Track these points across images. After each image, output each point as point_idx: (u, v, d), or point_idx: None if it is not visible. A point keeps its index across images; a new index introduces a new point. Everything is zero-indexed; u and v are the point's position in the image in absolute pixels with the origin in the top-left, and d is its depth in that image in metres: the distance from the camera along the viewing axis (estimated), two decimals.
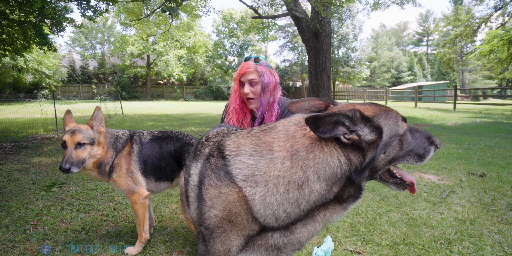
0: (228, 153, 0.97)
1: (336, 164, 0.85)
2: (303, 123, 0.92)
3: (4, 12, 6.39)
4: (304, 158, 0.86)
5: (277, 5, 11.91)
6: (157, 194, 3.08)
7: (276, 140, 0.92)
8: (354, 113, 0.85)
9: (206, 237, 0.97)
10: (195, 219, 1.06)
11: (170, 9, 6.21)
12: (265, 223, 0.90)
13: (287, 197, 0.87)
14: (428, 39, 56.03)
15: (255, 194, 0.88)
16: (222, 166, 0.96)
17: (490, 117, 11.37)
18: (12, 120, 9.36)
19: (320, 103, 1.08)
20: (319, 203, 0.89)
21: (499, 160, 4.48)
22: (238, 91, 1.99)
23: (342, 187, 0.89)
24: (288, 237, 0.93)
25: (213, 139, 1.18)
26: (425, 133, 1.00)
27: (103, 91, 31.18)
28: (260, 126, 1.05)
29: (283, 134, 0.92)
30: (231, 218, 0.91)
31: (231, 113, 2.01)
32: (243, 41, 31.92)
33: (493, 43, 15.04)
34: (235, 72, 2.02)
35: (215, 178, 0.95)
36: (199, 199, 0.99)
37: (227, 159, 0.96)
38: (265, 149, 0.91)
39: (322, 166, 0.85)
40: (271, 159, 0.89)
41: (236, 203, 0.90)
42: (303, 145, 0.88)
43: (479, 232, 2.25)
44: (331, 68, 12.70)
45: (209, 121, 10.28)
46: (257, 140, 0.95)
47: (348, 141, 0.84)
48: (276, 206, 0.87)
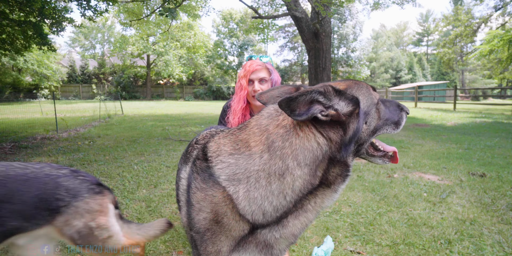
0: (210, 154, 0.96)
1: (315, 146, 0.85)
2: (275, 114, 0.92)
3: (4, 12, 6.39)
4: (280, 147, 0.86)
5: (277, 5, 11.91)
6: (157, 194, 3.08)
7: (251, 136, 0.92)
8: (326, 88, 0.83)
9: (198, 241, 0.96)
10: (185, 224, 1.04)
11: (168, 11, 6.21)
12: (253, 220, 0.89)
13: (271, 189, 0.86)
14: (428, 39, 56.04)
15: (238, 191, 0.87)
16: (206, 168, 0.95)
17: (490, 117, 11.37)
18: (12, 120, 9.36)
19: (290, 88, 1.06)
20: (305, 191, 0.87)
21: (499, 160, 4.48)
22: (246, 89, 1.94)
23: (326, 169, 0.87)
24: (280, 231, 0.91)
25: (201, 142, 1.17)
26: (394, 102, 1.03)
27: (103, 91, 31.19)
28: (236, 126, 1.04)
29: (257, 129, 0.92)
30: (218, 219, 0.90)
31: (231, 114, 1.99)
32: (243, 41, 31.94)
33: (493, 43, 15.05)
34: (241, 69, 1.98)
35: (201, 181, 0.94)
36: (188, 204, 0.98)
37: (210, 161, 0.95)
38: (243, 147, 0.91)
39: (301, 152, 0.84)
40: (249, 155, 0.89)
41: (222, 204, 0.89)
42: (278, 135, 0.87)
43: (479, 232, 2.25)
44: (331, 68, 12.70)
45: (209, 121, 10.28)
46: (235, 138, 0.95)
47: (326, 118, 0.83)
48: (261, 200, 0.86)
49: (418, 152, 5.07)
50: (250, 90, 1.95)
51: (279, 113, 0.93)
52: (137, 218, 2.53)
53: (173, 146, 5.64)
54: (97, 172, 3.86)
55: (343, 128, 0.85)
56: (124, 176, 3.70)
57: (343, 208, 2.75)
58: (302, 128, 0.86)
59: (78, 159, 4.61)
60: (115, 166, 4.18)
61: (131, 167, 4.12)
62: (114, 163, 4.37)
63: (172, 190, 3.22)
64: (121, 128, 8.27)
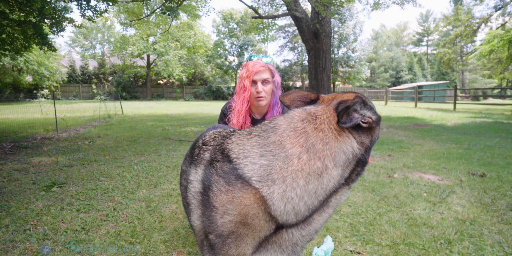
0: (235, 156, 0.96)
1: (350, 149, 0.93)
2: (309, 117, 0.98)
3: (4, 12, 6.39)
4: (321, 149, 0.91)
5: (277, 5, 11.91)
6: (157, 194, 3.08)
7: (286, 138, 0.94)
8: (359, 99, 0.95)
9: (217, 245, 0.95)
10: (199, 228, 1.02)
11: (170, 10, 6.23)
12: (283, 220, 0.91)
13: (307, 189, 0.89)
14: (428, 39, 56.03)
15: (273, 192, 0.89)
16: (231, 170, 0.94)
17: (490, 117, 11.37)
18: (12, 120, 9.36)
19: (308, 94, 1.12)
20: (334, 190, 0.94)
21: (499, 160, 4.48)
22: (249, 90, 1.92)
23: (352, 169, 0.96)
24: (306, 228, 0.95)
25: (212, 143, 1.15)
26: None
27: (103, 91, 31.19)
28: (257, 127, 1.04)
29: (292, 132, 0.95)
30: (247, 221, 0.90)
31: (234, 115, 1.97)
32: (243, 41, 31.92)
33: (493, 43, 15.04)
34: (243, 70, 1.95)
35: (225, 183, 0.94)
36: (207, 207, 0.96)
37: (235, 162, 0.95)
38: (276, 148, 0.93)
39: (338, 154, 0.92)
40: (285, 156, 0.91)
41: (254, 205, 0.89)
42: (318, 138, 0.93)
43: (479, 232, 2.25)
44: (331, 68, 12.69)
45: (209, 121, 10.28)
46: (264, 140, 0.96)
47: (366, 125, 0.94)
48: (297, 200, 0.89)
49: (418, 152, 5.07)
50: (253, 91, 1.94)
51: (314, 117, 0.98)
52: (137, 218, 2.53)
53: (173, 146, 5.64)
54: (97, 172, 3.86)
55: (371, 134, 0.97)
56: (124, 176, 3.70)
57: (343, 208, 2.75)
58: (340, 133, 0.94)
59: (78, 159, 4.61)
60: (115, 166, 4.18)
61: (131, 167, 4.12)
62: (114, 163, 4.37)
63: (172, 190, 3.22)
64: (121, 128, 8.27)
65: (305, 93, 1.12)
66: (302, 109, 1.03)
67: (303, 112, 1.01)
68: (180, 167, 4.15)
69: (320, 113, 0.98)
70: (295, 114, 1.01)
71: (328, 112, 0.98)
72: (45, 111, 13.22)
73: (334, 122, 0.95)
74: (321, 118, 0.97)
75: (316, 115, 0.98)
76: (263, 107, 2.04)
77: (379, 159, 4.65)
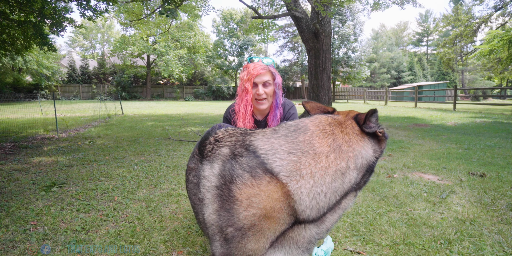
0: (263, 152, 1.02)
1: (366, 155, 1.03)
2: (336, 122, 1.09)
3: (5, 12, 6.39)
4: (346, 150, 1.00)
5: (277, 5, 11.91)
6: (157, 194, 3.08)
7: (315, 138, 1.02)
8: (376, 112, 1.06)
9: (236, 238, 0.96)
10: (213, 221, 1.03)
11: (168, 11, 6.23)
12: (305, 215, 0.95)
13: (331, 186, 0.96)
14: (428, 39, 56.02)
15: (301, 187, 0.94)
16: (258, 165, 0.99)
17: (490, 117, 11.37)
18: (12, 120, 9.36)
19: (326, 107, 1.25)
20: (348, 191, 1.00)
21: (499, 160, 4.48)
22: (251, 92, 1.93)
23: (363, 175, 1.04)
24: (321, 226, 1.00)
25: (229, 139, 1.18)
26: None
27: (103, 91, 31.19)
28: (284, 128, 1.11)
29: (321, 133, 1.04)
30: (272, 214, 0.94)
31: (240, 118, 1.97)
32: (243, 41, 31.92)
33: (493, 43, 15.03)
34: (244, 72, 1.96)
35: (251, 177, 0.97)
36: (227, 200, 0.99)
37: (264, 158, 1.00)
38: (305, 147, 1.00)
39: (358, 158, 1.01)
40: (314, 154, 0.98)
41: (281, 199, 0.94)
42: (344, 140, 1.02)
43: (479, 232, 2.25)
44: (331, 68, 12.69)
45: (209, 121, 10.28)
46: (293, 139, 1.04)
47: (381, 135, 1.06)
48: (322, 196, 0.95)
49: (418, 152, 5.07)
50: (254, 93, 1.94)
51: (339, 122, 1.09)
52: (137, 218, 2.53)
53: (173, 146, 5.64)
54: (97, 172, 3.86)
55: (380, 145, 1.08)
56: (124, 176, 3.70)
57: None
58: (361, 139, 1.04)
59: (78, 159, 4.61)
60: (115, 166, 4.18)
61: (131, 167, 4.12)
62: (114, 163, 4.37)
63: (172, 190, 3.22)
64: (121, 128, 8.27)
65: (323, 106, 1.25)
66: (327, 115, 1.14)
67: (328, 117, 1.11)
68: (179, 167, 4.15)
69: (343, 120, 1.09)
70: (322, 118, 1.11)
71: (349, 120, 1.09)
72: (45, 111, 13.22)
73: (356, 129, 1.06)
74: (345, 123, 1.08)
75: (340, 121, 1.09)
76: (265, 109, 2.04)
77: (379, 159, 4.65)
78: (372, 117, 1.04)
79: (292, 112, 2.08)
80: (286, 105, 2.08)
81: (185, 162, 4.44)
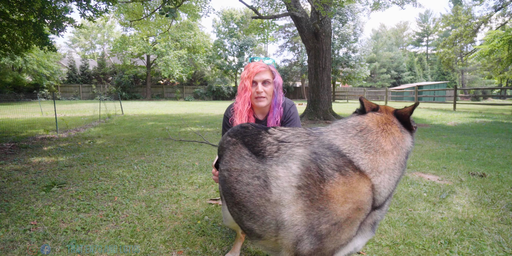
0: (347, 152, 1.12)
1: (410, 145, 1.20)
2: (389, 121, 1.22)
3: (4, 12, 6.39)
4: (402, 147, 1.17)
5: (277, 5, 11.91)
6: (157, 194, 3.08)
7: (381, 138, 1.16)
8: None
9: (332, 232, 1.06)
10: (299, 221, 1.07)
11: (168, 11, 6.23)
12: (378, 204, 1.11)
13: (397, 177, 1.15)
14: (428, 39, 56.00)
15: (381, 181, 1.09)
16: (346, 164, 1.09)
17: (490, 117, 11.37)
18: (12, 120, 9.36)
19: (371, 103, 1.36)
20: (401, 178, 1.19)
21: (499, 160, 4.48)
22: (250, 90, 1.94)
23: None
24: (382, 210, 1.16)
25: (297, 139, 1.23)
26: None
27: (103, 91, 31.18)
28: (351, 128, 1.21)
29: (384, 133, 1.18)
30: (362, 207, 1.07)
31: (237, 116, 1.97)
32: (243, 41, 31.91)
33: (493, 43, 15.03)
34: (245, 71, 1.96)
35: (341, 175, 1.07)
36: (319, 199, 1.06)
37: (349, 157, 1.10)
38: (376, 146, 1.14)
39: (408, 150, 1.19)
40: (384, 152, 1.13)
41: (369, 192, 1.08)
42: (399, 138, 1.18)
43: (479, 232, 2.25)
44: (331, 68, 12.69)
45: (209, 121, 10.28)
46: (364, 139, 1.16)
47: (415, 129, 1.24)
48: (393, 187, 1.13)
49: (418, 152, 5.07)
50: (253, 91, 1.95)
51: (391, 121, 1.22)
52: (137, 218, 2.53)
53: (173, 146, 5.64)
54: (97, 172, 3.86)
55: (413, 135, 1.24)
56: (124, 176, 3.70)
57: None
58: (406, 134, 1.21)
59: (78, 159, 4.61)
60: (115, 166, 4.18)
61: (131, 167, 4.12)
62: (114, 163, 4.37)
63: (172, 190, 3.22)
64: (121, 128, 8.27)
65: (369, 102, 1.37)
66: (377, 114, 1.26)
67: (382, 117, 1.24)
68: (179, 167, 4.15)
69: (391, 118, 1.23)
70: (377, 118, 1.23)
71: (394, 118, 1.23)
72: (45, 111, 13.23)
73: (400, 125, 1.21)
74: (393, 121, 1.22)
75: (390, 120, 1.23)
76: (265, 107, 2.05)
77: None
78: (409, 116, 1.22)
79: (292, 111, 2.09)
80: (286, 104, 2.08)
81: (185, 162, 4.44)
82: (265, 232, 1.20)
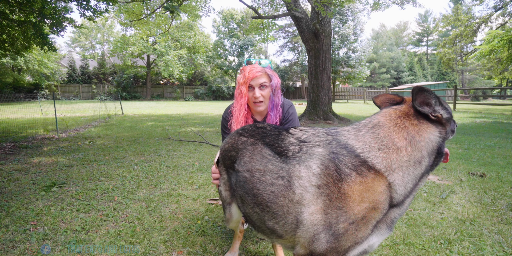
0: (361, 151, 1.11)
1: (436, 137, 1.12)
2: (404, 115, 1.17)
3: (4, 12, 6.39)
4: (418, 141, 1.10)
5: (277, 5, 11.91)
6: (157, 194, 3.09)
7: (393, 133, 1.13)
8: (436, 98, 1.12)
9: (350, 231, 1.06)
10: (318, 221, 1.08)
11: (172, 7, 6.25)
12: (395, 202, 1.09)
13: (414, 174, 1.10)
14: (428, 39, 55.99)
15: (396, 179, 1.07)
16: (361, 163, 1.08)
17: (490, 117, 11.37)
18: (12, 120, 9.36)
19: (394, 97, 1.32)
20: (423, 174, 1.13)
21: (499, 160, 4.48)
22: (246, 95, 1.93)
23: (435, 158, 1.14)
24: (401, 208, 1.13)
25: (317, 139, 1.23)
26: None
27: (103, 91, 31.18)
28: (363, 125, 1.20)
29: (397, 128, 1.14)
30: (378, 206, 1.07)
31: (234, 121, 1.97)
32: (243, 41, 31.91)
33: (493, 43, 15.02)
34: (240, 75, 1.96)
35: (357, 175, 1.07)
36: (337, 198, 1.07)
37: (363, 156, 1.10)
38: (389, 142, 1.11)
39: (428, 144, 1.11)
40: (397, 149, 1.10)
41: (385, 191, 1.07)
42: (416, 131, 1.12)
43: (479, 232, 2.25)
44: (331, 68, 12.69)
45: (209, 121, 10.28)
46: (376, 135, 1.14)
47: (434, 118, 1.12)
48: (410, 184, 1.10)
49: None
50: (250, 96, 1.95)
51: (406, 113, 1.17)
52: (137, 218, 2.53)
53: (173, 146, 5.64)
54: (97, 172, 3.86)
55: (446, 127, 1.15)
56: (124, 176, 3.70)
57: None
58: (427, 125, 1.13)
59: (78, 159, 4.61)
60: (115, 166, 4.18)
61: (131, 167, 4.12)
62: (114, 163, 4.37)
63: (172, 190, 3.22)
64: (121, 128, 8.27)
65: (392, 96, 1.33)
66: (394, 108, 1.22)
67: (396, 110, 1.20)
68: (179, 167, 4.15)
69: (407, 110, 1.17)
70: (391, 112, 1.20)
71: (412, 109, 1.16)
72: (45, 111, 13.23)
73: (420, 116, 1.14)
74: (410, 113, 1.16)
75: (406, 112, 1.17)
76: (263, 110, 2.05)
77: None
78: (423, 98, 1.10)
79: (291, 111, 2.09)
80: (285, 105, 2.09)
81: (185, 162, 4.44)
82: (287, 232, 1.20)
